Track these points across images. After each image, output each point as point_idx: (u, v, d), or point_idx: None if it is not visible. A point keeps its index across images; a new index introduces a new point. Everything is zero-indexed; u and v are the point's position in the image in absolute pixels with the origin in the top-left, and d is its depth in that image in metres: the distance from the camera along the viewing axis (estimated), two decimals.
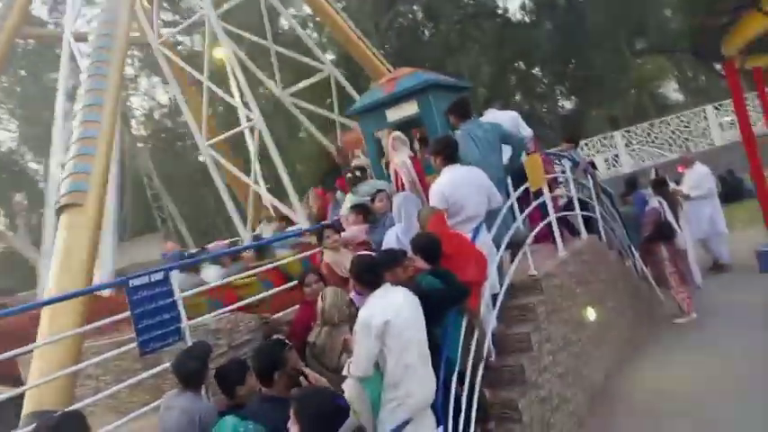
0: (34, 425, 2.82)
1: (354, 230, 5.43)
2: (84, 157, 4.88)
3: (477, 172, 4.88)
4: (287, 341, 3.31)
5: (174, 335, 3.89)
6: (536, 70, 30.67)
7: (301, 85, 11.37)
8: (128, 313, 3.84)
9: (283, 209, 8.15)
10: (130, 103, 28.74)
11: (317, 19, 26.48)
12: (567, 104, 31.02)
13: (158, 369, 3.96)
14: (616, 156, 18.82)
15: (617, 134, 19.24)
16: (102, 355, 4.08)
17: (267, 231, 8.04)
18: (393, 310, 3.34)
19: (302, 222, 8.13)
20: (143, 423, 4.01)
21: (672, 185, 8.53)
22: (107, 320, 3.83)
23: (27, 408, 3.94)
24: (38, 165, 29.74)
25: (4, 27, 9.56)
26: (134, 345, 4.09)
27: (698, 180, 8.86)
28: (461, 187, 4.74)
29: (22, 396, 4.20)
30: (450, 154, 4.86)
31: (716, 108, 18.90)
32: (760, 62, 10.46)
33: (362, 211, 5.94)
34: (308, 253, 5.96)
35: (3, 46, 10.11)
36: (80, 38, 9.43)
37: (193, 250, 7.79)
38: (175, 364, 3.43)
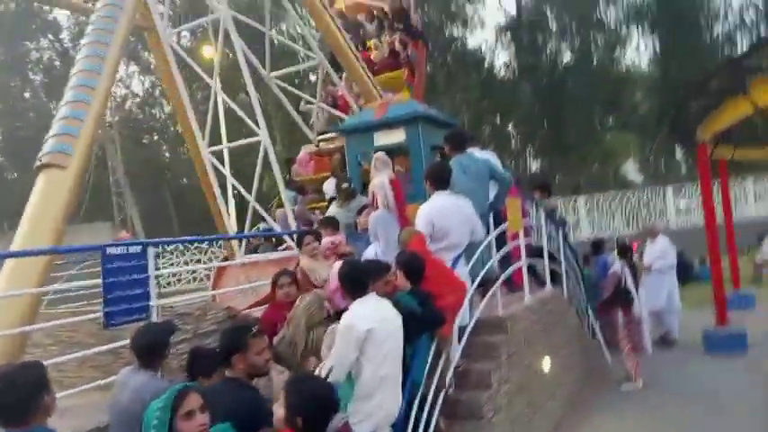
0: None
1: (335, 239, 5.41)
2: (74, 120, 4.72)
3: (465, 202, 4.95)
4: (254, 329, 3.18)
5: (141, 312, 3.73)
6: (510, 127, 31.66)
7: (289, 69, 11.54)
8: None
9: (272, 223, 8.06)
10: None
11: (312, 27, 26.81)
12: (535, 165, 32.00)
13: (115, 345, 3.78)
14: (577, 221, 19.45)
15: (580, 199, 19.92)
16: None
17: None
18: (377, 318, 3.32)
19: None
20: (86, 400, 3.82)
21: (635, 256, 8.80)
22: (62, 286, 3.64)
23: None
24: None
25: None
26: (90, 317, 3.93)
27: (663, 251, 9.16)
28: (449, 215, 4.79)
29: None
30: (442, 181, 4.92)
31: (675, 191, 19.84)
32: (727, 153, 11.07)
33: (332, 224, 5.94)
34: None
35: None
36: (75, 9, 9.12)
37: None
38: (134, 336, 3.23)
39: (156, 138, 30.95)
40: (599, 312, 8.08)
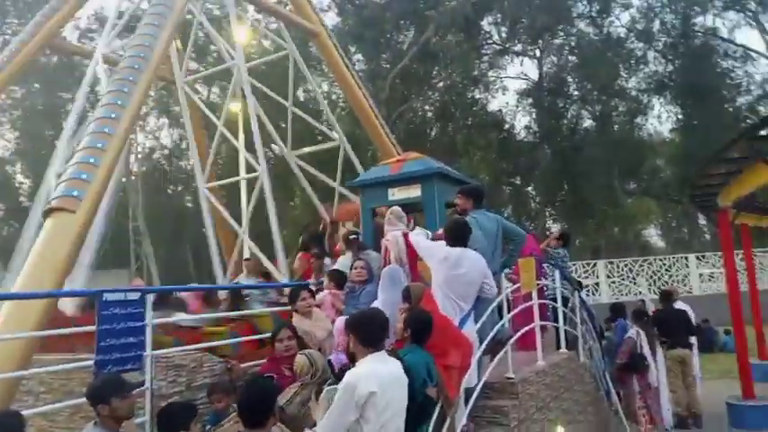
0: None
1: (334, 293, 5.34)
2: (87, 165, 4.75)
3: (473, 261, 4.78)
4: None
5: (135, 361, 3.61)
6: (530, 188, 31.62)
7: (310, 149, 11.84)
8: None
9: (266, 263, 8.06)
10: (133, 137, 28.92)
11: (332, 93, 27.59)
12: (554, 227, 31.70)
13: None
14: (596, 284, 19.05)
15: (600, 263, 19.58)
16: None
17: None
18: (382, 381, 3.10)
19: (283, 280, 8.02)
20: None
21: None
22: (63, 331, 3.58)
23: None
24: (25, 179, 29.31)
25: (28, 41, 9.88)
26: (85, 364, 3.82)
27: None
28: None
29: None
30: (460, 239, 4.80)
31: (698, 258, 19.45)
32: (749, 220, 10.83)
33: (337, 277, 5.83)
34: (280, 309, 5.82)
35: (24, 58, 10.29)
36: (108, 61, 9.59)
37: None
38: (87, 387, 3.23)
39: (180, 189, 31.54)
40: (616, 379, 7.75)
